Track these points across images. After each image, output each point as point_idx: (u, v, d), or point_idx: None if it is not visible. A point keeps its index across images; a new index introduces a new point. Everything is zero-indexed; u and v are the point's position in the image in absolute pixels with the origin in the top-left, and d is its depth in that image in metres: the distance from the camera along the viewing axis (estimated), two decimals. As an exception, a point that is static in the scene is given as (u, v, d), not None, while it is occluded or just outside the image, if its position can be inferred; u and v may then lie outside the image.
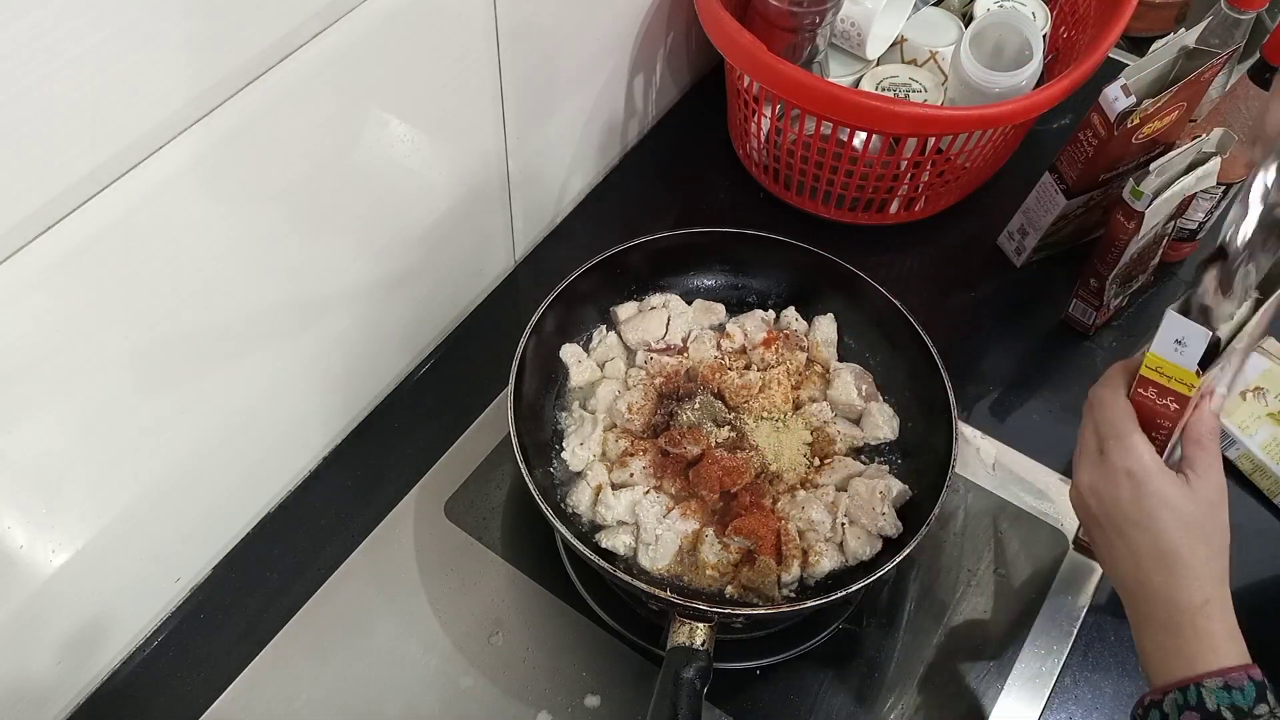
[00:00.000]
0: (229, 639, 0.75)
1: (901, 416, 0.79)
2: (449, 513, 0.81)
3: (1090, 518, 0.62)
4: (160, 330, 0.61)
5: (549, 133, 0.92)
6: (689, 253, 0.85)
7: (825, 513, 0.72)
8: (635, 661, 0.74)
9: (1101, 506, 0.61)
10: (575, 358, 0.80)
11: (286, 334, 0.72)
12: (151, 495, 0.68)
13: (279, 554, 0.79)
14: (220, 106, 0.56)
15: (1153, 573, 0.58)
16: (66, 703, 0.71)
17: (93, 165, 0.51)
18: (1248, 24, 0.87)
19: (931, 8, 1.06)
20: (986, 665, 0.75)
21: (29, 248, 0.50)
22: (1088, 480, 0.62)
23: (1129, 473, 0.59)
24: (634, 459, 0.74)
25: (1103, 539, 0.62)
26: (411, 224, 0.79)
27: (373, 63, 0.65)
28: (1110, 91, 0.82)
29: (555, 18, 0.83)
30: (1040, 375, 0.91)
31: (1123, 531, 0.59)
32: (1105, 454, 0.61)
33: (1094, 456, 0.62)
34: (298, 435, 0.81)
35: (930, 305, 0.80)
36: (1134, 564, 0.59)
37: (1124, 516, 0.59)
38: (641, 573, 0.71)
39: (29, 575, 0.62)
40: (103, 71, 0.48)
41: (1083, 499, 0.63)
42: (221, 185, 0.59)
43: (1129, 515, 0.59)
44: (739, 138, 1.04)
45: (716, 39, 0.90)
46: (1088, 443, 0.63)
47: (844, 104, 0.84)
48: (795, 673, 0.74)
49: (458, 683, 0.73)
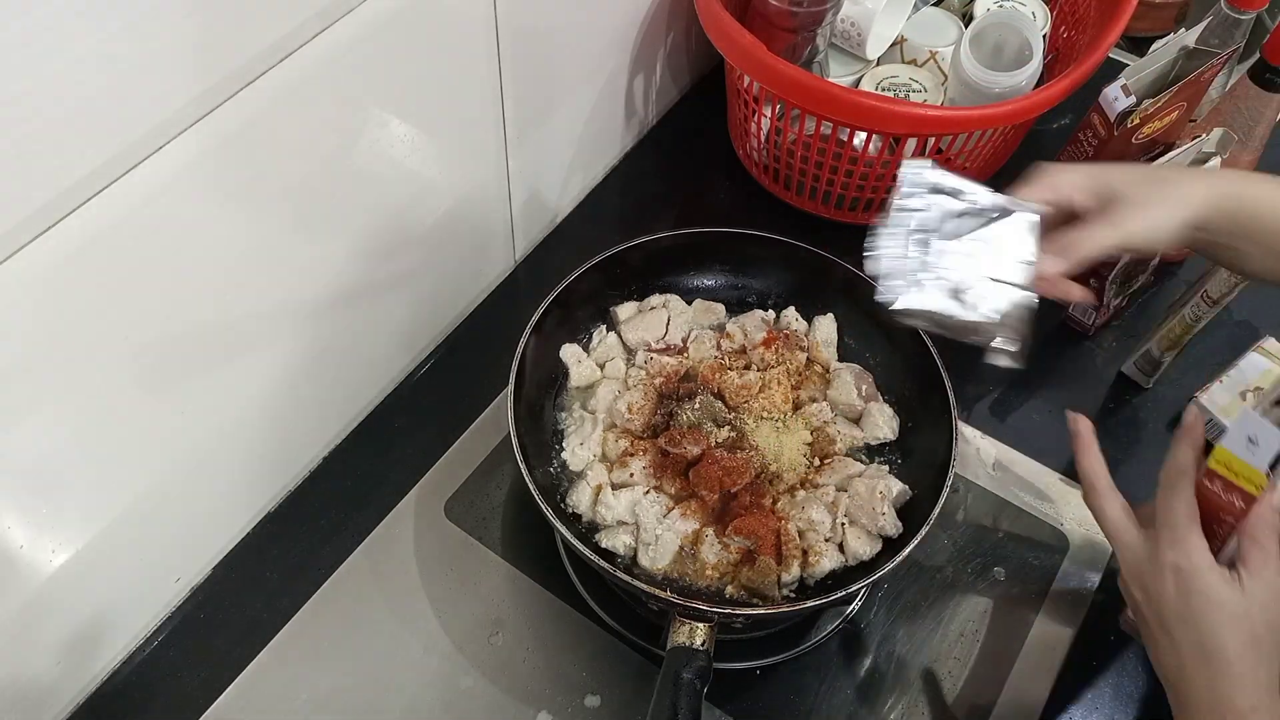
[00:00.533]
0: (229, 639, 0.75)
1: (901, 416, 0.79)
2: (449, 513, 0.81)
3: (1135, 607, 0.60)
4: (160, 330, 0.61)
5: (549, 133, 0.92)
6: (689, 253, 0.85)
7: (825, 513, 0.72)
8: (635, 661, 0.74)
9: (1147, 600, 0.58)
10: (575, 358, 0.80)
11: (286, 334, 0.72)
12: (151, 495, 0.68)
13: (279, 554, 0.79)
14: (220, 106, 0.56)
15: (1197, 672, 0.55)
16: (66, 703, 0.71)
17: (93, 165, 0.51)
18: (1248, 24, 0.87)
19: (931, 8, 1.06)
20: (986, 666, 0.75)
21: (30, 247, 0.50)
22: (1135, 572, 0.59)
23: (1177, 568, 0.56)
24: (634, 459, 0.74)
25: (1148, 631, 0.59)
26: (411, 224, 0.79)
27: (373, 63, 0.65)
28: (1110, 91, 0.82)
29: (555, 18, 0.83)
30: (1040, 375, 0.91)
31: (1168, 628, 0.57)
32: (1156, 543, 0.58)
33: (1140, 544, 0.59)
34: (298, 435, 0.81)
35: (930, 305, 0.80)
36: (1177, 661, 0.57)
37: (1170, 613, 0.57)
38: (641, 573, 0.71)
39: (29, 575, 0.62)
40: (103, 71, 0.48)
41: (1129, 590, 0.60)
42: (221, 185, 0.59)
43: (1175, 612, 0.57)
44: (739, 138, 1.04)
45: (716, 39, 0.90)
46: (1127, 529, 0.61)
47: (844, 104, 0.84)
48: (795, 673, 0.74)
49: (458, 683, 0.73)
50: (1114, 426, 0.88)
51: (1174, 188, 0.63)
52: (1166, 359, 0.87)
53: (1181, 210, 0.63)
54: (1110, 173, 0.65)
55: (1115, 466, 0.84)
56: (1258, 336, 0.89)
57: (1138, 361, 0.89)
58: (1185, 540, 0.57)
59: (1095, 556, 0.80)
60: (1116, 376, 0.91)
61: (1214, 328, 0.86)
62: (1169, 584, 0.57)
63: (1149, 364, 0.89)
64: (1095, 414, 0.89)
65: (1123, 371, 0.91)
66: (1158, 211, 0.63)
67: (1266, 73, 0.83)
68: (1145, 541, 0.59)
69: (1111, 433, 0.88)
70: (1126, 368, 0.91)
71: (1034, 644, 0.76)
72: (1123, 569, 0.61)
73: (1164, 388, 0.90)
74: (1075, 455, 0.65)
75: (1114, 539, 0.61)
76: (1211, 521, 0.58)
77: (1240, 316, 0.94)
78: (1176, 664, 0.57)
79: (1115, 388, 0.91)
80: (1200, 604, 0.55)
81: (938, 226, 0.65)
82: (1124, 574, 0.61)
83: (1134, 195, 0.63)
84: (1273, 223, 0.63)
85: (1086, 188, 0.65)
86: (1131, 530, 0.60)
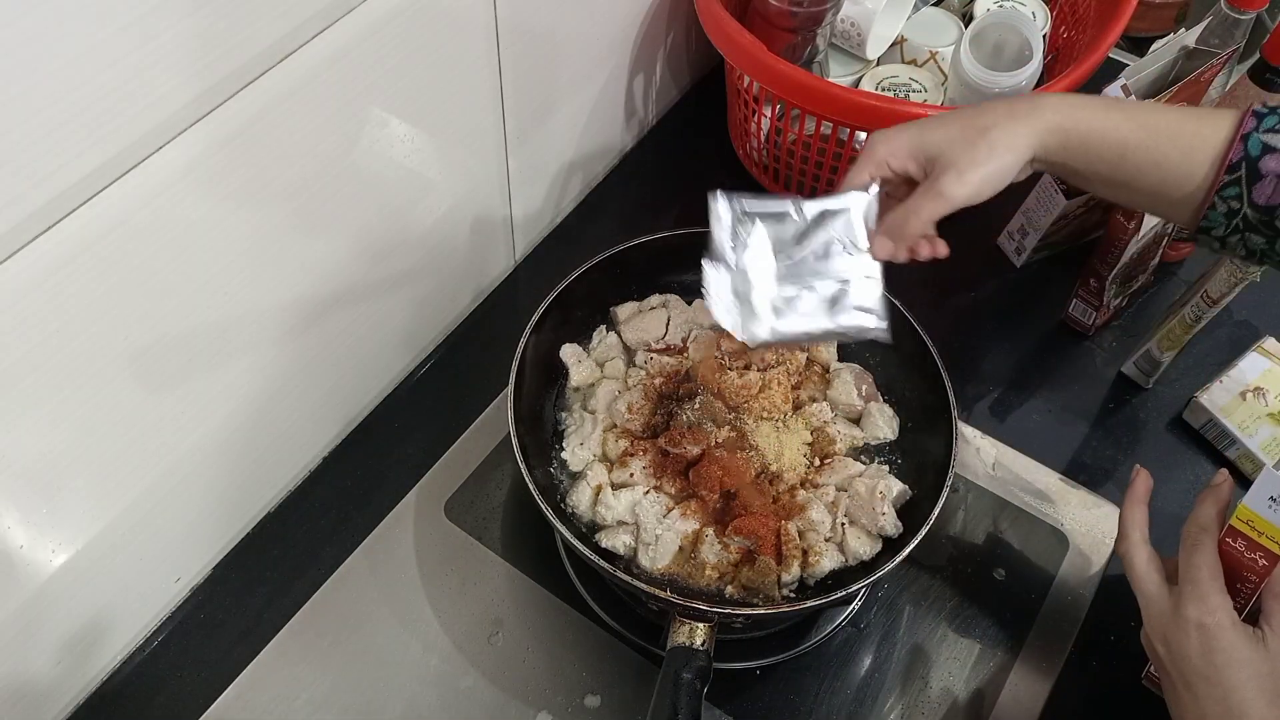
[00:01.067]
0: (229, 639, 0.75)
1: (901, 416, 0.79)
2: (449, 513, 0.81)
3: (1159, 662, 0.60)
4: (160, 330, 0.61)
5: (549, 133, 0.92)
6: (689, 253, 0.84)
7: (825, 513, 0.72)
8: (635, 661, 0.74)
9: (1170, 655, 0.58)
10: (575, 358, 0.80)
11: (287, 334, 0.72)
12: (151, 495, 0.68)
13: (279, 554, 0.79)
14: (220, 106, 0.56)
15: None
16: (66, 703, 0.71)
17: (93, 165, 0.51)
18: (1248, 24, 0.87)
19: (931, 8, 1.06)
20: (986, 665, 0.75)
21: (30, 248, 0.50)
22: (1159, 627, 0.59)
23: (1200, 625, 0.56)
24: (634, 459, 0.74)
25: (1170, 686, 0.59)
26: (411, 224, 0.79)
27: (373, 63, 0.65)
28: (1110, 91, 0.82)
29: (555, 18, 0.83)
30: (1040, 375, 0.91)
31: (1190, 684, 0.57)
32: (1180, 599, 0.58)
33: (1164, 599, 0.59)
34: (298, 435, 0.81)
35: (930, 305, 0.80)
36: (1199, 717, 0.56)
37: (1192, 670, 0.56)
38: (641, 573, 0.71)
39: (29, 575, 0.62)
40: (103, 71, 0.48)
41: (1152, 644, 0.60)
42: (222, 185, 0.59)
43: (1197, 669, 0.56)
44: (739, 138, 1.04)
45: (716, 39, 0.90)
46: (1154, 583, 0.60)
47: (844, 104, 0.84)
48: (795, 673, 0.74)
49: (458, 683, 0.73)
50: (1114, 426, 0.88)
51: (999, 135, 0.61)
52: (1166, 359, 0.87)
53: (1007, 158, 0.61)
54: (929, 132, 0.63)
55: (1115, 466, 0.85)
56: (1258, 336, 0.89)
57: (1138, 361, 0.89)
58: (1208, 597, 0.56)
59: (1095, 557, 0.80)
60: (1116, 376, 0.91)
61: (1214, 328, 0.86)
62: (1192, 640, 0.56)
63: (1149, 364, 0.89)
64: (1095, 414, 0.89)
65: (1123, 371, 0.91)
66: (983, 170, 0.61)
67: (1266, 73, 0.83)
68: (1169, 596, 0.59)
69: (1111, 433, 0.88)
70: (1126, 368, 0.91)
71: (1034, 645, 0.76)
72: (1146, 623, 0.60)
73: (1164, 388, 0.90)
74: (1125, 501, 0.64)
75: (1140, 591, 0.61)
76: (1235, 580, 0.58)
77: (1240, 316, 0.94)
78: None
79: (1115, 388, 0.91)
80: (1223, 661, 0.55)
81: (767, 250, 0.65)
82: (1147, 628, 0.60)
83: (956, 157, 0.61)
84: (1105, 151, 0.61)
85: (909, 155, 0.63)
86: (1158, 583, 0.60)
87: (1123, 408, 0.89)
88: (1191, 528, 0.59)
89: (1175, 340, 0.85)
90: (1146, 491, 0.64)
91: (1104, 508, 0.83)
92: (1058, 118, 0.61)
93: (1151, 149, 0.60)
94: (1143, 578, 0.60)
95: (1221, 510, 0.60)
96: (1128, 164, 0.61)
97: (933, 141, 0.63)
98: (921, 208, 0.62)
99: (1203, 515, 0.60)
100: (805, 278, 0.65)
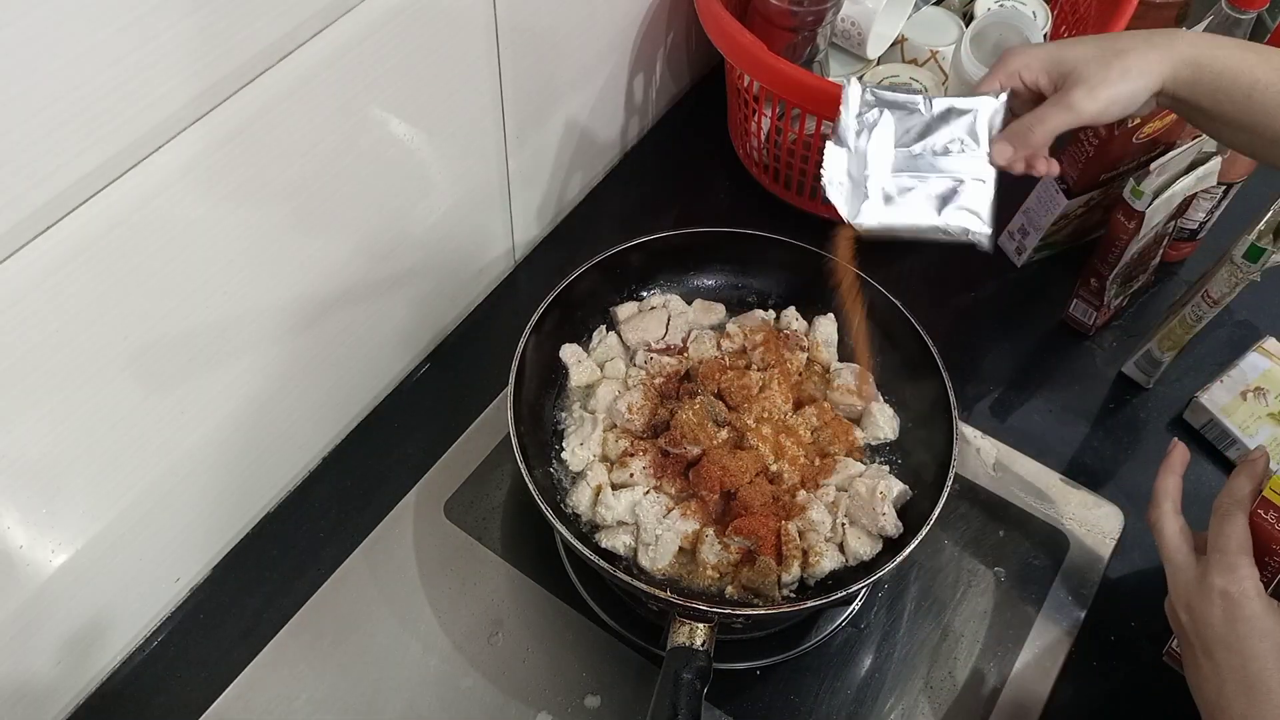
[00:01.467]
0: (229, 639, 0.75)
1: (901, 416, 0.79)
2: (449, 513, 0.81)
3: (1181, 631, 0.60)
4: (160, 330, 0.61)
5: (549, 133, 0.92)
6: (689, 253, 0.85)
7: (825, 513, 0.72)
8: (635, 661, 0.74)
9: (1193, 623, 0.58)
10: (575, 358, 0.80)
11: (286, 334, 0.72)
12: (151, 495, 0.68)
13: (279, 554, 0.79)
14: (220, 106, 0.56)
15: (1235, 699, 0.55)
16: (66, 703, 0.71)
17: (93, 165, 0.51)
18: (1248, 24, 0.87)
19: (932, 7, 1.06)
20: (987, 666, 0.75)
21: (29, 247, 0.50)
22: (1183, 594, 0.59)
23: (1225, 593, 0.56)
24: (634, 459, 0.74)
25: (1190, 656, 0.59)
26: (411, 224, 0.79)
27: (372, 62, 0.65)
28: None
29: (555, 18, 0.83)
30: (1040, 375, 0.91)
31: (1211, 652, 0.57)
32: (1207, 568, 0.58)
33: (1191, 568, 0.59)
34: (298, 435, 0.81)
35: (930, 305, 0.80)
36: (1217, 687, 0.56)
37: (1215, 637, 0.56)
38: (641, 573, 0.71)
39: (29, 575, 0.62)
40: (103, 71, 0.48)
41: (1175, 612, 0.60)
42: (221, 185, 0.59)
43: (1220, 636, 0.56)
44: (739, 138, 1.04)
45: (716, 39, 0.90)
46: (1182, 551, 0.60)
47: (844, 104, 0.84)
48: (795, 673, 0.74)
49: (458, 683, 0.73)
50: (1114, 426, 0.88)
51: (1134, 59, 0.62)
52: (1167, 359, 0.87)
53: (1139, 82, 0.62)
54: (1067, 49, 0.64)
55: (1115, 467, 0.85)
56: (1258, 336, 0.89)
57: (1138, 361, 0.89)
58: (1236, 567, 0.56)
59: (1096, 557, 0.80)
60: (1116, 376, 0.91)
61: (1214, 328, 0.86)
62: (1216, 609, 0.56)
63: (1149, 364, 0.89)
64: (1095, 414, 0.89)
65: (1123, 371, 0.91)
66: (1114, 89, 0.62)
67: (1267, 73, 0.83)
68: (1196, 565, 0.59)
69: (1111, 433, 0.88)
70: (1126, 368, 0.91)
71: (1034, 644, 0.76)
72: (1171, 590, 0.60)
73: (1164, 388, 0.90)
74: (1160, 471, 0.64)
75: (1168, 558, 0.61)
76: (1264, 554, 0.58)
77: (1240, 316, 0.94)
78: (1216, 689, 0.56)
79: (1115, 388, 0.91)
80: (1246, 630, 0.55)
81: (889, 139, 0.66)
82: (1171, 596, 0.60)
83: (1089, 74, 0.62)
84: (1235, 90, 0.61)
85: (1042, 69, 0.64)
86: (1185, 552, 0.60)
87: (1123, 408, 0.89)
88: (1225, 499, 0.59)
89: (1176, 340, 0.85)
90: (1183, 463, 0.64)
91: (1104, 508, 0.83)
92: (1193, 51, 0.62)
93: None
94: (1172, 546, 0.60)
95: (1257, 484, 0.60)
96: (1255, 105, 0.61)
97: (1069, 57, 0.64)
98: (1049, 117, 0.63)
99: (1237, 487, 0.60)
100: (921, 170, 0.66)
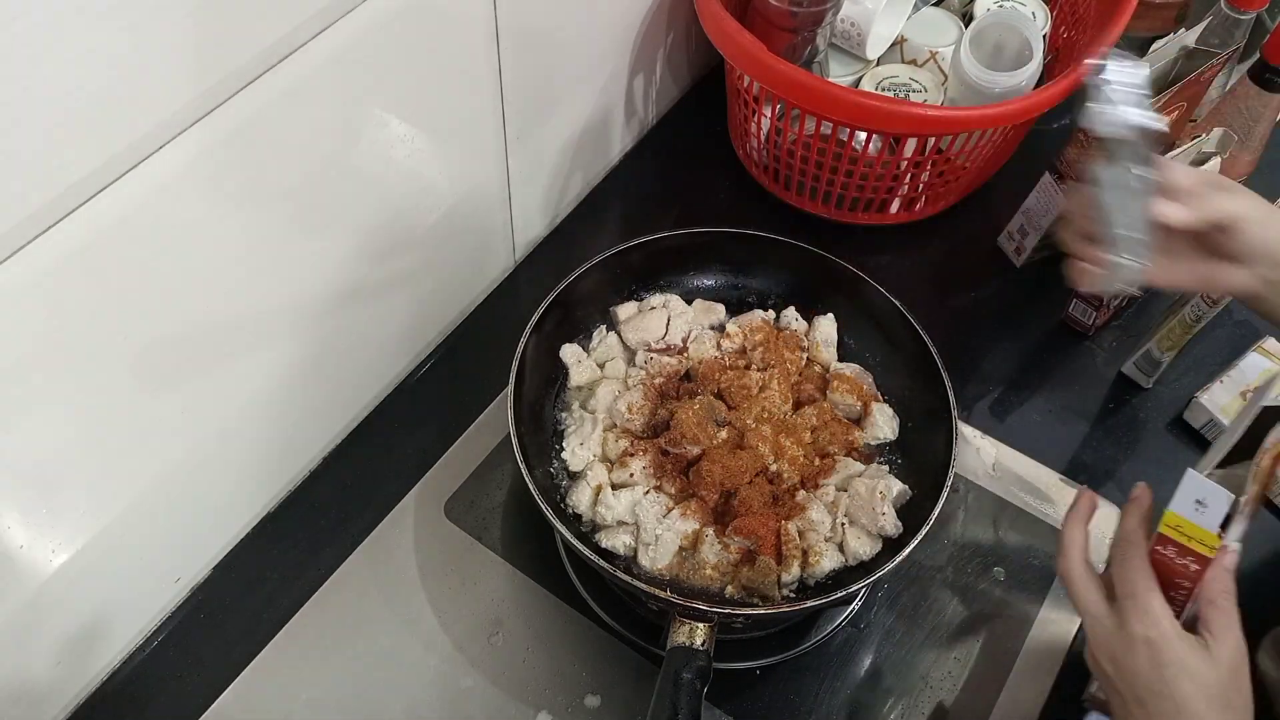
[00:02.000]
0: (229, 639, 0.75)
1: (901, 416, 0.79)
2: (449, 513, 0.81)
3: (1106, 680, 0.59)
4: (160, 330, 0.61)
5: (549, 133, 0.92)
6: (689, 253, 0.85)
7: (825, 513, 0.72)
8: (635, 661, 0.74)
9: (1119, 673, 0.57)
10: (575, 358, 0.80)
11: (286, 334, 0.72)
12: (151, 495, 0.68)
13: (279, 554, 0.79)
14: (220, 106, 0.56)
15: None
16: (66, 703, 0.71)
17: (93, 165, 0.51)
18: (1248, 24, 0.87)
19: (931, 8, 1.06)
20: (987, 665, 0.75)
21: (29, 248, 0.50)
22: (1105, 645, 0.58)
23: (1147, 640, 0.56)
24: (634, 459, 0.74)
25: (1119, 704, 0.58)
26: (411, 224, 0.79)
27: (373, 63, 0.65)
28: (1110, 91, 0.82)
29: (555, 18, 0.83)
30: (1040, 375, 0.91)
31: (1142, 701, 0.56)
32: (1122, 615, 0.57)
33: (1107, 617, 0.58)
34: (298, 435, 0.81)
35: (930, 305, 0.80)
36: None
37: (1143, 685, 0.56)
38: (641, 573, 0.71)
39: (29, 575, 0.62)
40: (103, 71, 0.48)
41: (1098, 662, 0.59)
42: (222, 185, 0.59)
43: (1149, 684, 0.56)
44: (739, 138, 1.04)
45: (716, 39, 0.90)
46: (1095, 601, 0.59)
47: (844, 104, 0.84)
48: (795, 673, 0.74)
49: (458, 683, 0.73)
50: (1114, 426, 0.88)
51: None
52: (1166, 359, 0.87)
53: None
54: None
55: (1115, 466, 0.85)
56: (1258, 336, 0.89)
57: (1138, 361, 0.89)
58: (1150, 610, 0.56)
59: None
60: (1116, 376, 0.91)
61: (1214, 328, 0.86)
62: (1141, 658, 0.56)
63: (1149, 364, 0.89)
64: (1095, 414, 0.89)
65: (1123, 371, 0.91)
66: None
67: (1266, 73, 0.83)
68: (1111, 614, 0.58)
69: (1111, 433, 0.88)
70: (1126, 368, 0.91)
71: (1034, 644, 0.76)
72: (1090, 641, 0.60)
73: (1164, 388, 0.90)
74: (1066, 520, 0.64)
75: (1084, 610, 0.60)
76: (1169, 588, 0.57)
77: (1240, 316, 0.94)
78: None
79: (1115, 388, 0.91)
80: (1173, 674, 0.55)
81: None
82: (1091, 646, 0.60)
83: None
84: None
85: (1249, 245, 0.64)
86: (1098, 601, 0.59)
87: (1123, 408, 0.89)
88: (1118, 543, 0.59)
89: (1175, 340, 0.85)
90: (1090, 511, 0.64)
91: (1104, 508, 0.82)
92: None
93: None
94: (1086, 598, 0.60)
95: (1145, 521, 0.59)
96: None
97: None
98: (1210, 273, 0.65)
99: (1128, 528, 0.59)
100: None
